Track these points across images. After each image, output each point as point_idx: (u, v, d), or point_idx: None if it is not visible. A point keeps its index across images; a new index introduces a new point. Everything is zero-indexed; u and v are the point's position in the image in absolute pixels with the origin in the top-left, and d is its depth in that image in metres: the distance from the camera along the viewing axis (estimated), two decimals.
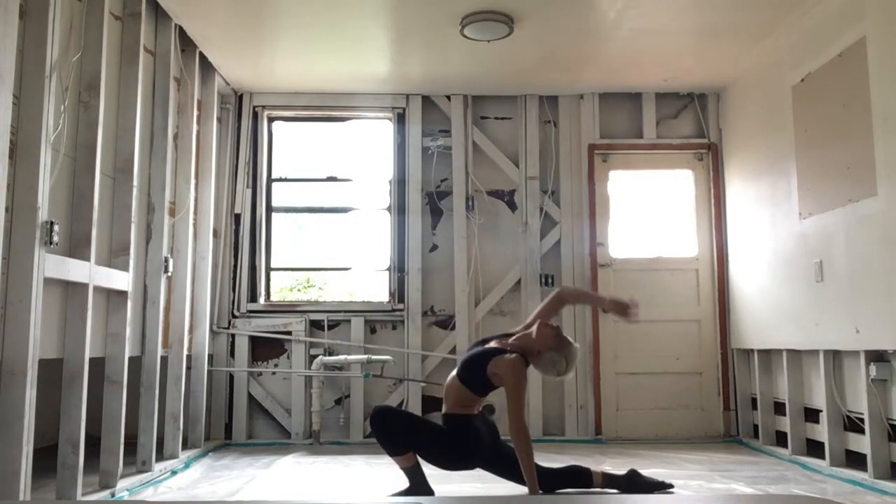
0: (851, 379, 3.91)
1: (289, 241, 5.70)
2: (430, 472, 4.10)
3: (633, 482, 3.33)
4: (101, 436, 3.50)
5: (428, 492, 3.21)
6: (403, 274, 5.38)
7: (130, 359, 3.69)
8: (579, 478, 3.32)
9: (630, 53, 4.78)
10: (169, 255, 4.26)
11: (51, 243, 2.83)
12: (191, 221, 4.59)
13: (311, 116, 5.69)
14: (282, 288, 5.87)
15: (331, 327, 5.30)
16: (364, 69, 5.06)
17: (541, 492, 3.13)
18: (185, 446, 4.52)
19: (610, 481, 3.34)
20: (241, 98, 5.48)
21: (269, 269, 5.51)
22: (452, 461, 3.28)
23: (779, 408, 4.68)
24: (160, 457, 4.15)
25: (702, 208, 5.49)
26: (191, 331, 4.69)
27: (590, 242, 5.39)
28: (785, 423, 4.51)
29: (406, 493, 3.23)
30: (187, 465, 4.26)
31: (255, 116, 5.51)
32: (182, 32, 4.38)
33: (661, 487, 3.35)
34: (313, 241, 5.78)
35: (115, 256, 3.59)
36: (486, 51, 4.65)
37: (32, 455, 2.74)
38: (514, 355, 3.20)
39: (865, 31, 3.65)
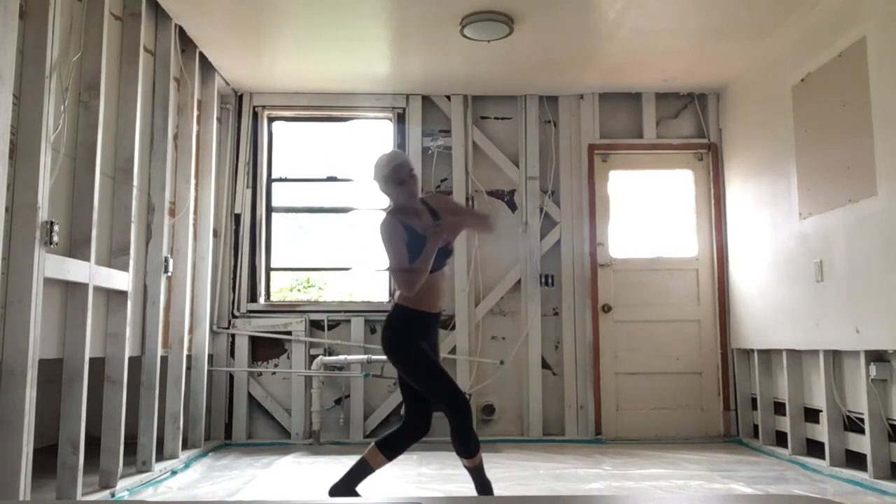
0: (851, 379, 3.91)
1: (289, 241, 5.70)
2: (431, 471, 4.10)
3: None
4: (101, 436, 3.50)
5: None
6: None
7: (130, 359, 3.69)
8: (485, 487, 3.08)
9: (630, 53, 4.78)
10: (169, 255, 4.26)
11: (51, 243, 2.83)
12: (191, 221, 4.59)
13: (311, 116, 5.69)
14: (282, 288, 5.87)
15: (331, 327, 5.30)
16: (364, 69, 5.06)
17: None
18: (185, 446, 4.52)
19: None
20: (241, 98, 5.48)
21: (269, 269, 5.50)
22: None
23: (779, 408, 4.68)
24: (160, 457, 4.15)
25: (702, 208, 5.49)
26: (191, 331, 4.69)
27: (590, 242, 5.39)
28: (785, 423, 4.51)
29: None
30: (187, 465, 4.26)
31: (255, 116, 5.51)
32: (182, 32, 4.38)
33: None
34: (313, 241, 5.78)
35: (115, 256, 3.60)
36: (486, 51, 4.65)
37: (32, 455, 2.74)
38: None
39: (865, 31, 3.65)
